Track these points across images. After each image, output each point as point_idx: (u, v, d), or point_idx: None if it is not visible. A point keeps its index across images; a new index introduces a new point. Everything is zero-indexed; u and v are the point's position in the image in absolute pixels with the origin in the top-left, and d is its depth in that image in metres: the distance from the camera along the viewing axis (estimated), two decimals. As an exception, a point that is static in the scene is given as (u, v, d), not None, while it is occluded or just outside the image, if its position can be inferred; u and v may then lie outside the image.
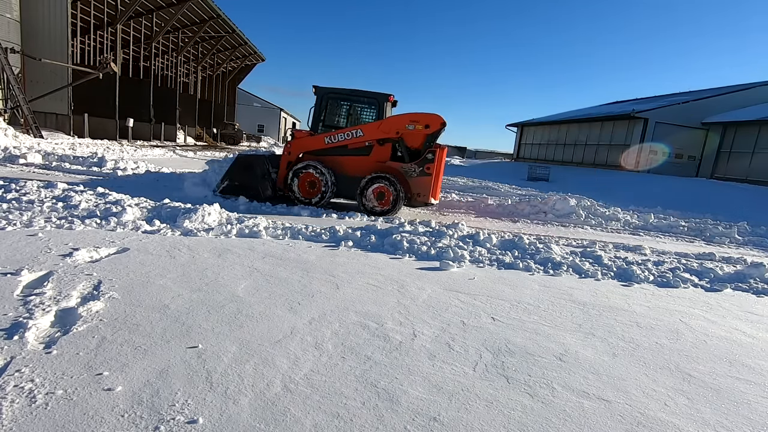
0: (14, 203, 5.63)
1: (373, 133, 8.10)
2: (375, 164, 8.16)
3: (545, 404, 2.30)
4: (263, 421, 1.96)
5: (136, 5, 23.87)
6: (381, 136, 8.09)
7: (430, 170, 8.01)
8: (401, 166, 8.09)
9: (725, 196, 14.86)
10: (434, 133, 8.04)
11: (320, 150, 8.29)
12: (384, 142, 8.13)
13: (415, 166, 8.04)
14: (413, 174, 8.05)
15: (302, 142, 8.36)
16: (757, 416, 2.37)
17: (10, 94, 16.56)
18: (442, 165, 8.43)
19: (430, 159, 7.99)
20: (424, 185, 8.07)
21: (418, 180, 8.05)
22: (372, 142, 8.13)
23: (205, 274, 3.81)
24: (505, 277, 4.64)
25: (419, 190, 8.09)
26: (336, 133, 8.20)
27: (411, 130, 7.99)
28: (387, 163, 8.13)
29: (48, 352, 2.34)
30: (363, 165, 8.15)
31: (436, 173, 8.15)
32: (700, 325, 3.68)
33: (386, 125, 8.09)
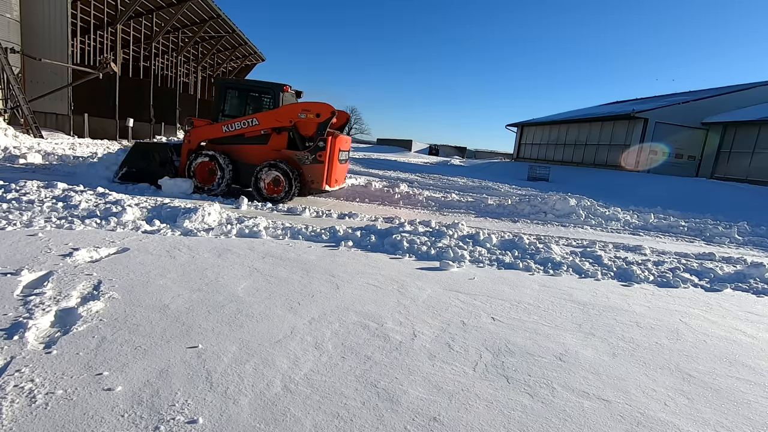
0: (14, 203, 5.62)
1: (268, 121, 8.45)
2: (272, 152, 8.52)
3: (545, 404, 2.30)
4: (263, 421, 1.96)
5: (136, 5, 23.87)
6: (276, 125, 8.44)
7: (322, 158, 8.40)
8: (295, 154, 8.48)
9: (725, 196, 14.86)
10: (325, 122, 8.35)
11: (220, 138, 8.61)
12: (280, 131, 8.49)
13: (308, 154, 8.42)
14: (306, 161, 8.44)
15: (201, 131, 8.65)
16: (757, 416, 2.37)
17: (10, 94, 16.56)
18: (336, 153, 8.74)
19: (321, 147, 8.38)
20: (318, 172, 8.46)
21: (312, 167, 8.44)
22: (268, 130, 8.47)
23: (205, 274, 3.81)
24: (505, 277, 4.64)
25: (313, 177, 8.48)
26: (233, 122, 8.52)
27: (303, 118, 8.34)
28: (282, 151, 8.50)
29: (48, 352, 2.34)
30: (261, 153, 8.51)
31: (329, 160, 8.51)
32: (700, 325, 3.68)
33: (280, 114, 8.44)
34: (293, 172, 8.26)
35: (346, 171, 10.15)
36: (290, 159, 8.45)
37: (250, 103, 9.08)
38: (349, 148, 9.79)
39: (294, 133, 8.43)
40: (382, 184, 12.19)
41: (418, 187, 13.84)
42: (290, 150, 8.50)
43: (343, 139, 9.14)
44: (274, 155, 8.48)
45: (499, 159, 53.50)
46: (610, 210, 10.37)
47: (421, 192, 11.65)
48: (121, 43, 25.91)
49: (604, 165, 25.22)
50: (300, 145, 8.46)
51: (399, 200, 10.14)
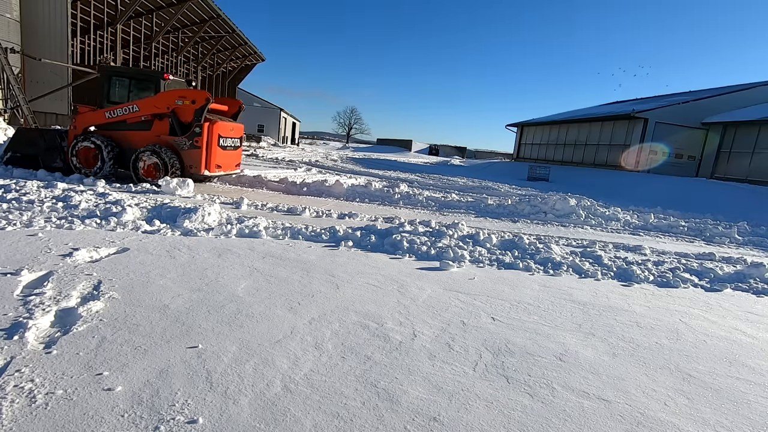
0: (14, 203, 5.63)
1: (148, 108, 8.85)
2: (154, 138, 8.89)
3: (545, 404, 2.30)
4: (263, 421, 1.96)
5: (136, 5, 23.86)
6: (155, 111, 8.85)
7: (198, 143, 8.80)
8: (174, 140, 8.86)
9: (725, 196, 14.86)
10: (201, 108, 8.73)
11: (105, 124, 9.00)
12: (162, 117, 8.89)
13: (185, 140, 8.82)
14: (185, 147, 8.84)
15: (85, 117, 9.01)
16: (757, 416, 2.37)
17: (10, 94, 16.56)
18: (215, 138, 9.06)
19: (197, 133, 8.78)
20: (195, 157, 8.88)
21: (190, 152, 8.86)
22: (149, 117, 8.88)
23: (205, 274, 3.81)
24: (505, 277, 4.64)
25: (191, 162, 8.90)
26: (115, 109, 8.92)
27: (180, 105, 8.78)
28: (163, 137, 8.88)
29: (48, 352, 2.34)
30: (144, 139, 8.90)
31: (206, 146, 8.91)
32: (700, 325, 3.68)
33: (158, 100, 8.85)
34: (170, 157, 8.66)
35: (236, 158, 10.35)
36: (170, 144, 8.85)
37: (133, 90, 9.41)
38: (237, 135, 10.11)
39: (173, 119, 8.84)
40: (382, 184, 12.19)
41: (418, 187, 13.84)
42: (171, 136, 8.90)
43: (227, 125, 9.49)
44: (155, 141, 8.86)
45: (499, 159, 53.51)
46: (610, 210, 10.37)
47: (421, 192, 11.64)
48: (121, 43, 25.90)
49: (604, 165, 25.22)
50: (179, 131, 8.87)
51: (399, 200, 10.14)
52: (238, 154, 10.47)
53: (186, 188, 8.03)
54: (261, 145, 41.06)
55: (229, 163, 9.90)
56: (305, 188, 10.44)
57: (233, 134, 9.82)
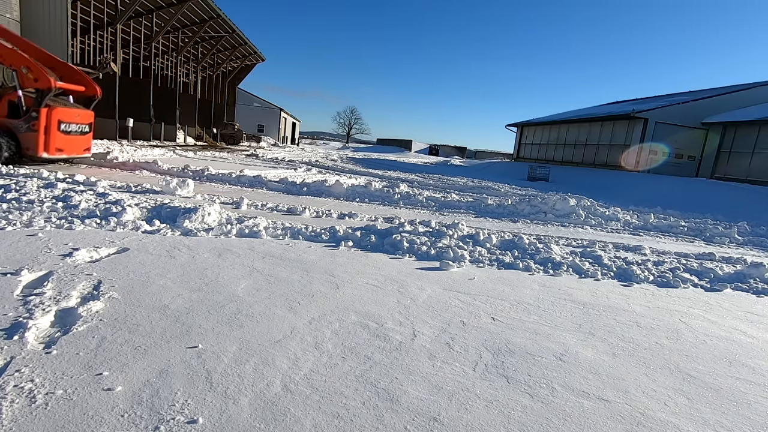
0: (14, 203, 5.62)
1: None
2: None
3: (545, 404, 2.30)
4: (263, 421, 1.96)
5: (136, 5, 23.85)
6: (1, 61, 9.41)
7: (35, 127, 9.19)
8: (11, 122, 9.30)
9: (725, 196, 14.86)
10: (42, 91, 9.17)
11: None
12: (1, 97, 9.47)
13: (22, 123, 9.25)
14: (21, 129, 9.24)
15: None
16: (757, 416, 2.37)
17: (10, 94, 16.51)
18: (53, 123, 9.44)
19: (34, 117, 9.22)
20: (32, 140, 9.27)
21: (27, 135, 9.26)
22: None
23: (205, 274, 3.81)
24: (505, 277, 4.64)
25: (28, 145, 9.30)
26: None
27: (24, 72, 9.22)
28: (1, 119, 9.33)
29: (48, 352, 2.34)
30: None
31: (44, 130, 9.29)
32: (700, 325, 3.68)
33: (8, 54, 9.35)
34: (11, 138, 9.14)
35: (83, 142, 10.77)
36: (7, 126, 9.23)
37: None
38: (85, 121, 10.56)
39: (18, 102, 9.26)
40: (382, 184, 12.19)
41: (418, 187, 13.83)
42: (10, 119, 9.32)
43: (70, 111, 10.00)
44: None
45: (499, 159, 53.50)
46: (610, 210, 10.37)
47: (421, 192, 11.64)
48: (121, 43, 25.90)
49: (604, 165, 25.23)
50: (21, 113, 9.29)
51: (399, 200, 10.14)
52: (87, 139, 10.92)
53: (186, 188, 8.03)
54: (261, 145, 41.09)
55: (73, 148, 10.36)
56: (305, 188, 10.44)
57: (79, 120, 10.31)
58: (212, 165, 13.07)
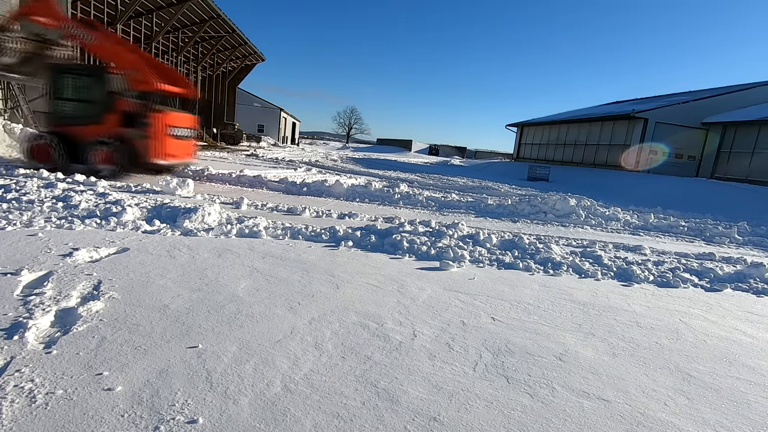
0: (14, 203, 5.62)
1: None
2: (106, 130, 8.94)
3: (545, 404, 2.30)
4: (263, 421, 1.96)
5: (136, 5, 23.86)
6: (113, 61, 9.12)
7: (148, 133, 8.87)
8: (125, 131, 8.86)
9: (725, 196, 14.86)
10: (151, 96, 9.01)
11: None
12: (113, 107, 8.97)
13: (135, 130, 8.86)
14: (134, 137, 8.86)
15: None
16: (757, 416, 2.37)
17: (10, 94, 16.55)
18: (165, 129, 9.16)
19: (146, 123, 8.87)
20: (146, 147, 8.93)
21: (140, 142, 8.89)
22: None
23: (205, 274, 3.81)
24: (505, 277, 4.64)
25: (142, 152, 8.93)
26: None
27: (132, 76, 8.81)
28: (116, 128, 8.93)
29: (48, 352, 2.34)
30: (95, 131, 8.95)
31: (157, 136, 8.96)
32: (700, 325, 3.68)
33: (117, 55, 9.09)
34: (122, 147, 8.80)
35: (189, 147, 10.49)
36: (122, 135, 8.84)
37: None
38: (189, 125, 10.16)
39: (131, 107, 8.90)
40: (382, 184, 12.19)
41: (418, 187, 13.83)
42: (124, 127, 8.88)
43: (178, 116, 9.61)
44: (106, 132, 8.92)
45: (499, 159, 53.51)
46: (610, 210, 10.37)
47: (421, 192, 11.64)
48: (121, 43, 25.87)
49: (604, 165, 25.22)
50: (130, 122, 8.86)
51: (399, 200, 10.14)
52: (191, 144, 10.63)
53: (186, 188, 8.03)
54: (261, 145, 41.06)
55: (182, 153, 10.07)
56: (305, 188, 10.44)
57: (185, 124, 9.97)
58: (212, 165, 13.06)
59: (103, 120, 8.94)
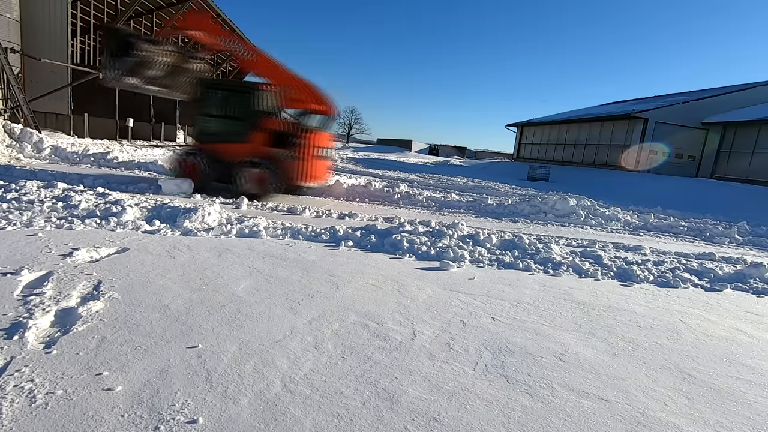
0: (14, 203, 5.62)
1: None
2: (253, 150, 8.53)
3: (545, 404, 2.30)
4: (263, 421, 1.96)
5: (136, 5, 23.86)
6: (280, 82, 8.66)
7: (298, 154, 8.50)
8: (274, 151, 8.45)
9: (725, 196, 14.86)
10: (305, 115, 8.67)
11: None
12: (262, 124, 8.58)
13: (286, 150, 8.43)
14: (285, 157, 8.45)
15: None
16: (757, 416, 2.37)
17: (10, 94, 16.54)
18: (314, 150, 8.79)
19: (297, 143, 8.49)
20: (295, 168, 8.53)
21: (289, 163, 8.48)
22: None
23: (205, 274, 3.81)
24: (505, 277, 4.63)
25: (290, 173, 8.54)
26: None
27: (286, 94, 8.49)
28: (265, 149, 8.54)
29: (48, 352, 2.34)
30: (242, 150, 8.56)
31: (306, 157, 8.60)
32: (700, 325, 3.68)
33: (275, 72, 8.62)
34: (272, 168, 8.39)
35: (326, 168, 9.97)
36: (271, 156, 8.44)
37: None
38: (329, 145, 9.64)
39: (283, 126, 8.52)
40: (382, 184, 12.18)
41: (418, 187, 13.84)
42: (273, 147, 8.46)
43: (322, 135, 9.17)
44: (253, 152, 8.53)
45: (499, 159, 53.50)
46: (610, 210, 10.37)
47: (421, 192, 11.64)
48: (121, 43, 25.85)
49: (604, 165, 25.22)
50: (279, 142, 8.44)
51: (399, 200, 10.14)
52: (327, 164, 9.99)
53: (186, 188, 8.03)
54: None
55: (321, 174, 9.50)
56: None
57: (326, 144, 9.36)
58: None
59: (251, 139, 8.45)
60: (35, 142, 12.66)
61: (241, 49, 8.73)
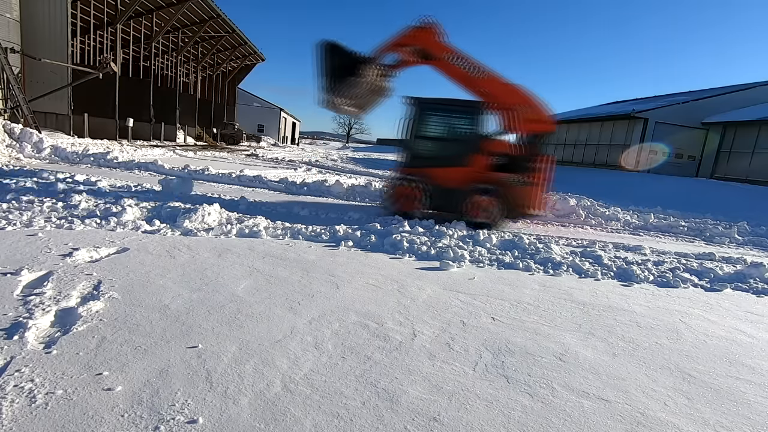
0: (14, 203, 5.62)
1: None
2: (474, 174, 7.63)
3: (545, 404, 2.30)
4: (263, 421, 1.96)
5: (136, 5, 23.86)
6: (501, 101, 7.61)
7: (532, 180, 7.50)
8: (499, 176, 7.53)
9: (725, 196, 14.85)
10: (540, 136, 7.67)
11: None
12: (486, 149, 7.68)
13: (515, 175, 7.49)
14: (512, 183, 7.48)
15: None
16: (757, 416, 2.37)
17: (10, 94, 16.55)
18: (548, 175, 7.75)
19: (532, 168, 7.52)
20: (527, 195, 7.50)
21: (519, 189, 7.48)
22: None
23: (205, 274, 3.81)
24: (505, 277, 4.63)
25: (521, 201, 7.51)
26: None
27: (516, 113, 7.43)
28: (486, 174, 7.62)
29: (48, 352, 2.34)
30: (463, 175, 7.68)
31: (541, 182, 7.61)
32: (700, 325, 3.67)
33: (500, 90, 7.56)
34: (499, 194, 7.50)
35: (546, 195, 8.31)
36: (494, 180, 7.52)
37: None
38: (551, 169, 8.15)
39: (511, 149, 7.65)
40: (382, 184, 12.18)
41: (418, 187, 13.81)
42: (495, 172, 7.58)
43: (551, 158, 7.95)
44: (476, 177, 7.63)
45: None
46: (610, 210, 10.37)
47: (421, 192, 11.62)
48: (121, 43, 25.90)
49: (604, 165, 25.22)
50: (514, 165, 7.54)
51: (399, 200, 10.12)
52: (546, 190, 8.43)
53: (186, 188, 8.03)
54: (261, 145, 41.08)
55: (546, 200, 8.24)
56: (305, 188, 10.44)
57: (551, 167, 8.11)
58: (212, 165, 13.08)
59: (475, 163, 7.59)
60: (35, 142, 12.66)
61: (469, 66, 7.68)
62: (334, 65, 7.74)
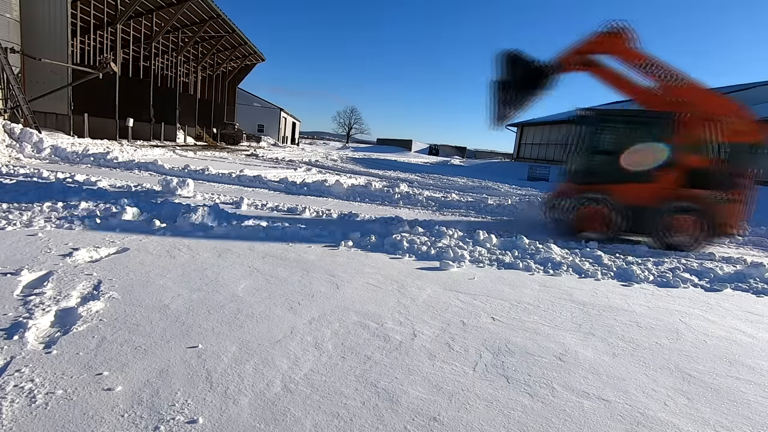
0: (14, 203, 5.62)
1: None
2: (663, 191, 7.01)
3: (545, 404, 2.30)
4: (263, 421, 1.96)
5: (136, 5, 23.85)
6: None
7: (737, 197, 6.90)
8: (698, 193, 6.92)
9: (725, 196, 14.83)
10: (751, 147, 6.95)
11: None
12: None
13: (718, 192, 6.89)
14: (713, 200, 6.89)
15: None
16: (757, 416, 2.37)
17: (10, 94, 16.54)
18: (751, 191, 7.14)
19: (739, 185, 6.90)
20: (730, 214, 6.91)
21: (722, 207, 6.89)
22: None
23: (205, 274, 3.81)
24: (505, 277, 4.63)
25: (723, 220, 6.90)
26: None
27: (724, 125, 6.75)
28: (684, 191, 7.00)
29: (48, 352, 2.34)
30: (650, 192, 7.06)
31: (746, 199, 7.03)
32: (700, 325, 3.67)
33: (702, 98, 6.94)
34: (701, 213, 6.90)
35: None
36: (692, 198, 6.92)
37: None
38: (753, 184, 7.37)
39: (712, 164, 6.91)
40: (382, 184, 12.19)
41: (418, 187, 13.84)
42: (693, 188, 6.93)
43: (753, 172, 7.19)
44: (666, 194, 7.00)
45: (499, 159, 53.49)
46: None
47: (421, 192, 11.65)
48: (121, 43, 25.88)
49: None
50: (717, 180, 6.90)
51: (399, 200, 10.14)
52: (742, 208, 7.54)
53: (186, 188, 8.03)
54: (261, 145, 41.07)
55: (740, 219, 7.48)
56: (305, 188, 10.45)
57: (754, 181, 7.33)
58: (212, 165, 13.07)
59: (665, 178, 6.90)
60: (35, 142, 12.66)
61: (664, 74, 7.03)
62: (516, 76, 7.32)
